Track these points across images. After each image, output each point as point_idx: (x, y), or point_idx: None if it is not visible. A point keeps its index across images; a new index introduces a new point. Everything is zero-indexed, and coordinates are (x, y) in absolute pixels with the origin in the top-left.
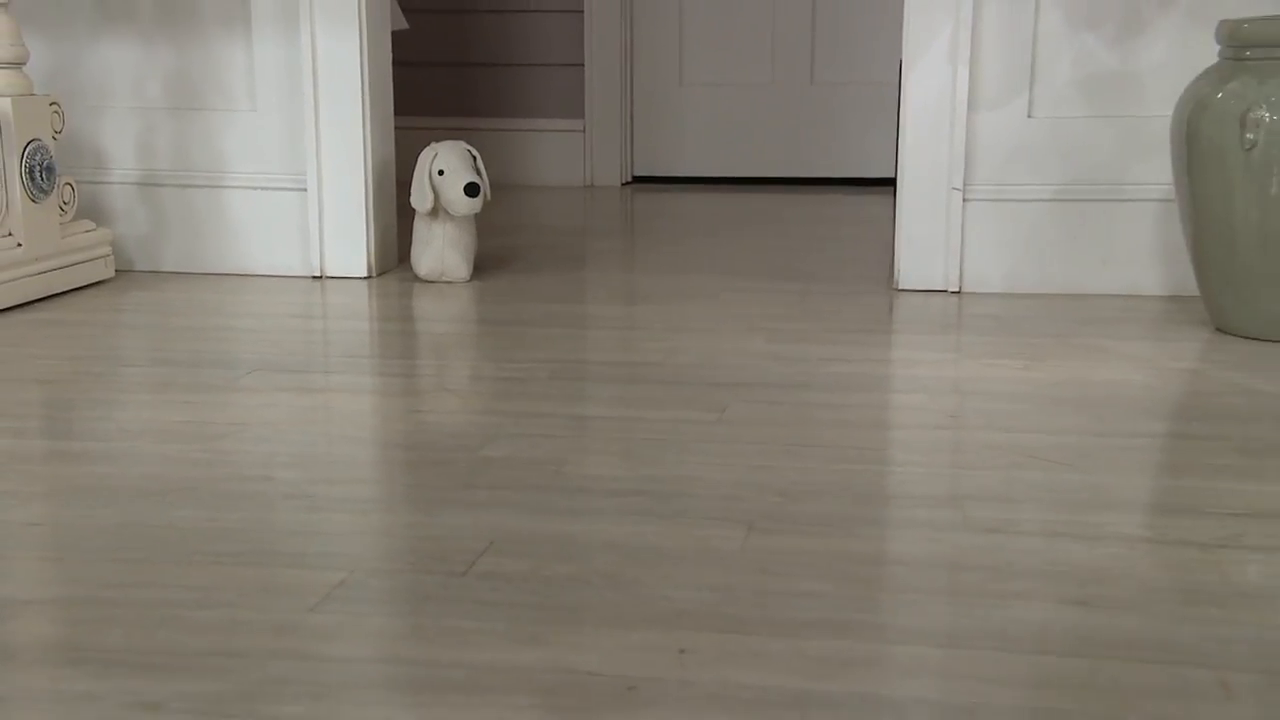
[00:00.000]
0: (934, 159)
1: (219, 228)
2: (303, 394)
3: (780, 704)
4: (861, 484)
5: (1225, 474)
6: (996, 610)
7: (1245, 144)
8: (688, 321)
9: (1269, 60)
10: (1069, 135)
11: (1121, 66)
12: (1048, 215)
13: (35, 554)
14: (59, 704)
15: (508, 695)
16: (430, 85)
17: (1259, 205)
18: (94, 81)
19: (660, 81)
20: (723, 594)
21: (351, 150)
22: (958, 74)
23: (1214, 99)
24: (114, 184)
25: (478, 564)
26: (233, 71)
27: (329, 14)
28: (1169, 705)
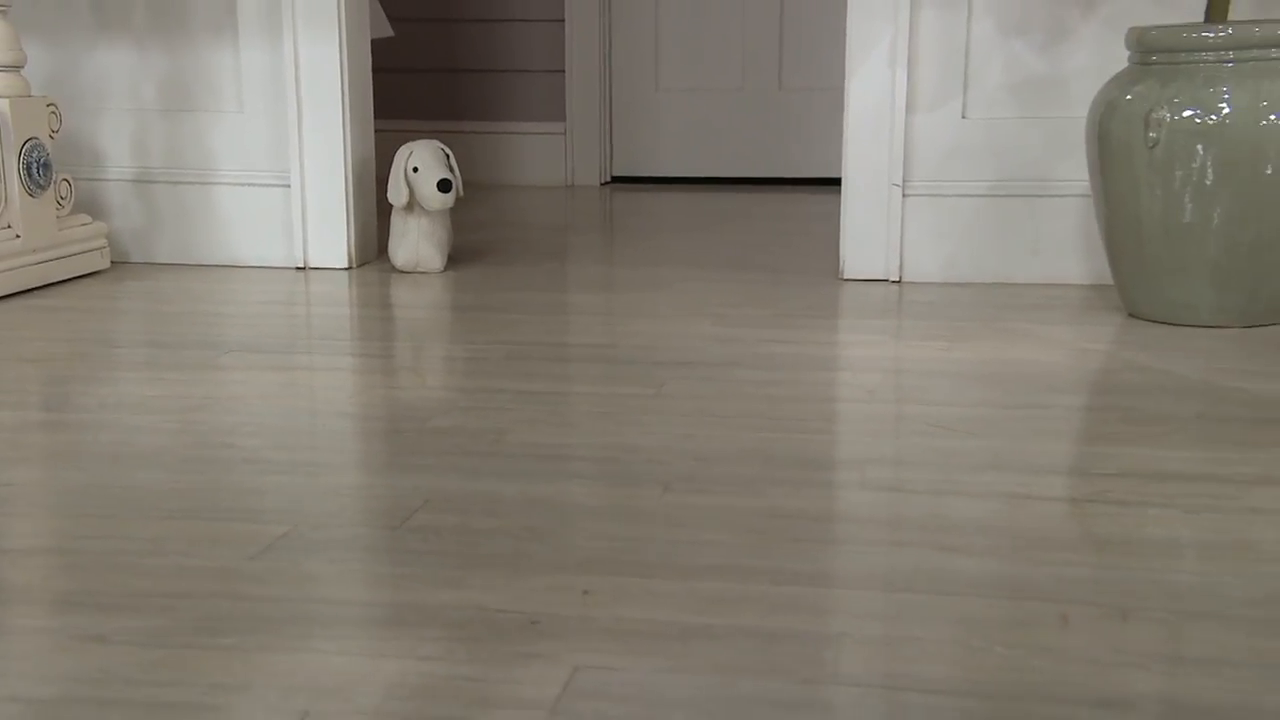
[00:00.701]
0: (875, 157)
1: (209, 222)
2: (275, 372)
3: (667, 636)
4: (775, 450)
5: (1107, 440)
6: (873, 556)
7: (1149, 142)
8: (644, 308)
9: (1171, 65)
10: (1000, 135)
11: (1048, 71)
12: (981, 210)
13: (4, 511)
14: (15, 636)
15: (421, 629)
16: (419, 90)
17: (1162, 199)
18: (91, 85)
19: (637, 87)
20: (631, 544)
21: (332, 149)
22: (896, 78)
23: (1122, 101)
24: (110, 181)
25: (412, 519)
26: (221, 75)
27: (310, 22)
28: (1013, 633)
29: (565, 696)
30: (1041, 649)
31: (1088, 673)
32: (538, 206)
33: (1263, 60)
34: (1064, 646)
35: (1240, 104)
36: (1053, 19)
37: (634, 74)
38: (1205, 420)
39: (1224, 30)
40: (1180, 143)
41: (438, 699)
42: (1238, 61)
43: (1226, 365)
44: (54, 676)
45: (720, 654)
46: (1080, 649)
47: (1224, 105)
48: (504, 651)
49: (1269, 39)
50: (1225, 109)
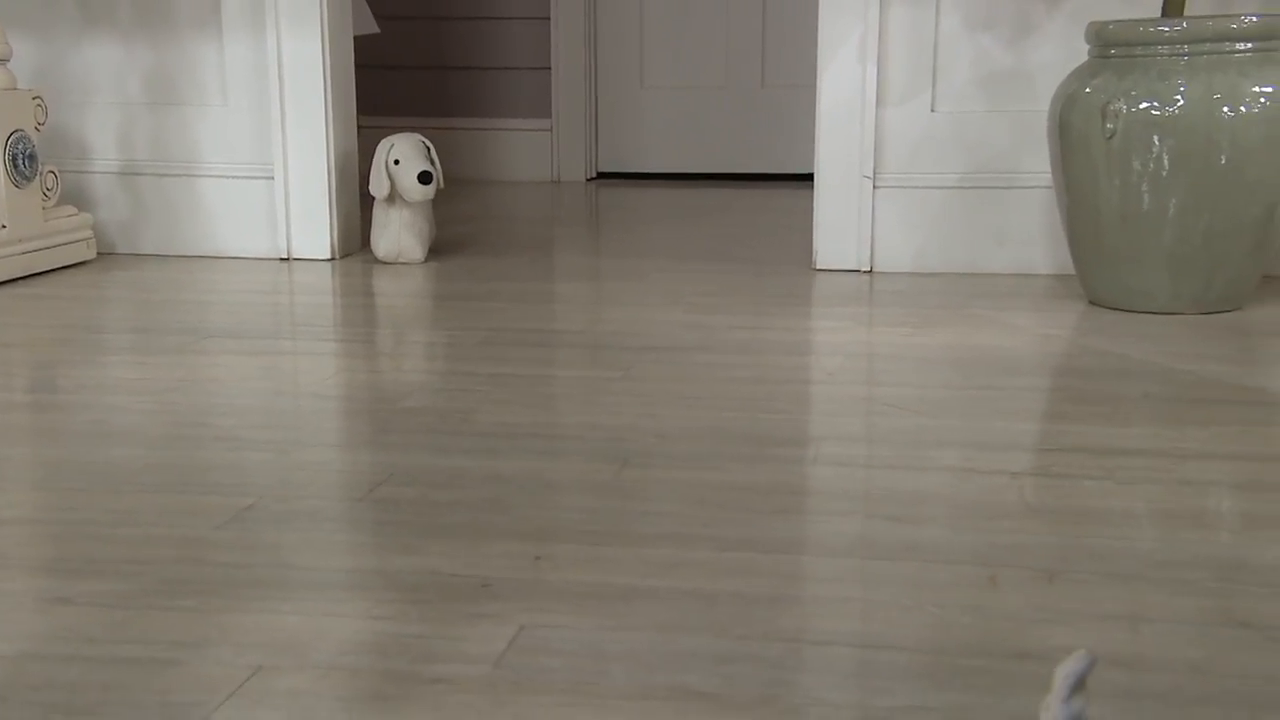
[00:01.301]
0: (847, 150)
1: (193, 213)
2: (254, 356)
3: (612, 597)
4: (734, 428)
5: (1054, 418)
6: (817, 524)
7: (1106, 133)
8: (619, 296)
9: (1128, 58)
10: (968, 128)
11: (1014, 65)
12: (950, 201)
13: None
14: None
15: (375, 592)
16: (408, 87)
17: (1119, 188)
18: (78, 79)
19: (622, 84)
20: (586, 515)
21: (315, 142)
22: (867, 73)
23: (1082, 93)
24: (97, 173)
25: (375, 492)
26: (205, 70)
27: (293, 17)
28: (944, 594)
29: (510, 652)
30: (970, 607)
31: (1011, 628)
32: (523, 201)
33: (1216, 54)
34: (991, 605)
35: (1194, 96)
36: (1018, 14)
37: (619, 71)
38: (1151, 400)
39: (1179, 24)
40: (1137, 134)
41: (387, 655)
42: (1192, 55)
43: (1178, 349)
44: (18, 635)
45: (662, 613)
46: (1006, 607)
47: (1179, 97)
48: (454, 612)
49: (1222, 33)
50: (1180, 101)
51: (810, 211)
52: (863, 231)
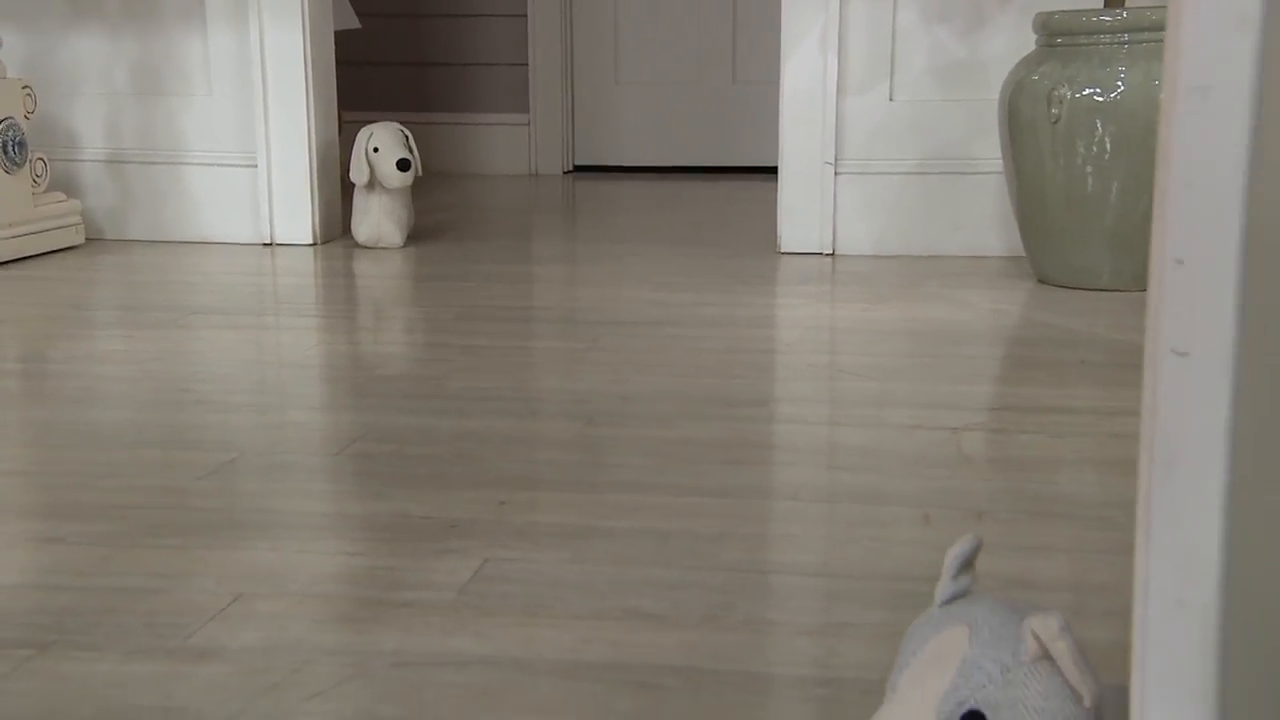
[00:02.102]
0: (808, 138)
1: (179, 200)
2: (236, 330)
3: (570, 536)
4: (693, 392)
5: (995, 381)
6: (765, 473)
7: (1051, 118)
8: (590, 278)
9: (1072, 46)
10: (925, 116)
11: (969, 56)
12: (908, 186)
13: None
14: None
15: (349, 532)
16: (388, 83)
17: (1064, 171)
18: (66, 70)
19: (598, 80)
20: (549, 466)
21: (297, 131)
22: (828, 63)
23: (1029, 80)
24: (85, 161)
25: (350, 448)
26: (190, 61)
27: (275, 9)
28: (879, 530)
29: (474, 581)
30: (903, 542)
31: (938, 558)
32: (501, 193)
33: (1155, 41)
34: (923, 539)
35: (1134, 82)
36: (972, 7)
37: (594, 68)
38: (1088, 366)
39: (1120, 14)
40: (1080, 119)
41: (359, 584)
42: (1132, 43)
43: (1116, 322)
44: (13, 569)
45: (617, 549)
46: (936, 540)
47: (1120, 83)
48: (422, 548)
49: (1161, 22)
50: (1121, 87)
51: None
52: (824, 216)
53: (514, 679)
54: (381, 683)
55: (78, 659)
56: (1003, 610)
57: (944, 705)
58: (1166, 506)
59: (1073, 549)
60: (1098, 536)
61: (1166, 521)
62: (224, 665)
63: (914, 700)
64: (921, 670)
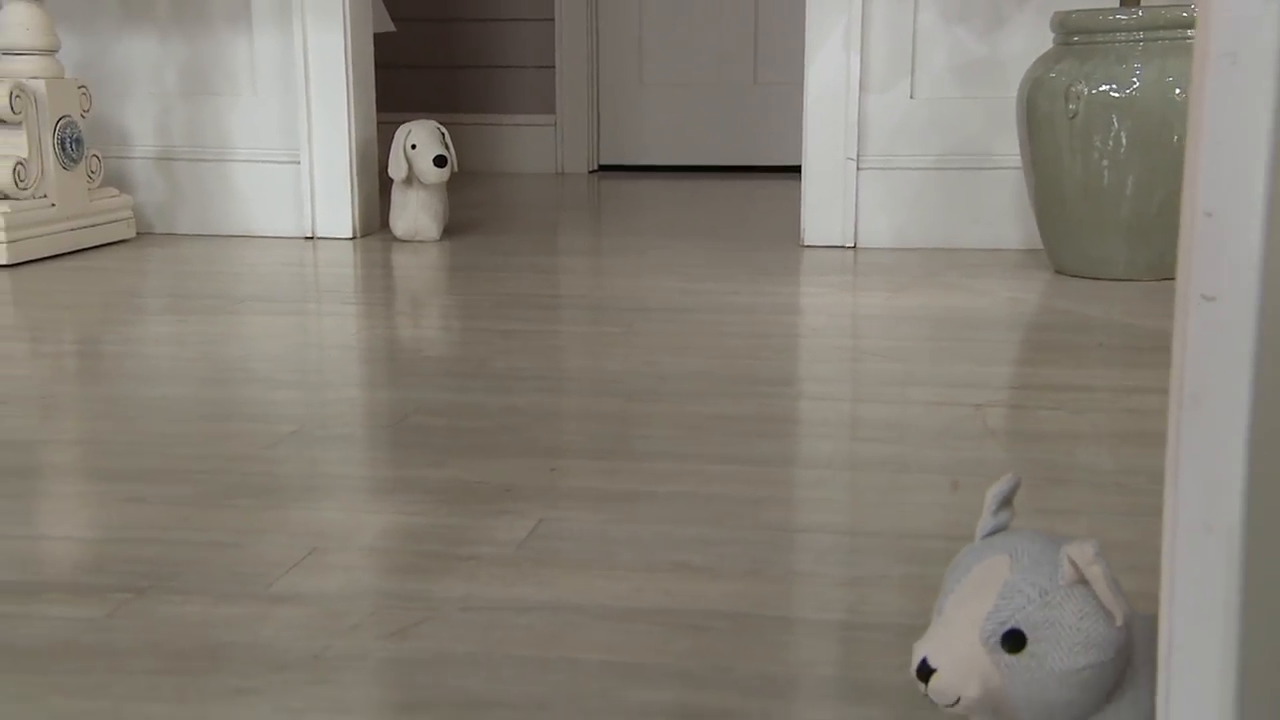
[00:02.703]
0: (832, 134)
1: (225, 196)
2: (283, 316)
3: (618, 499)
4: (724, 372)
5: (1015, 363)
6: (798, 444)
7: (1069, 114)
8: (618, 269)
9: (1089, 44)
10: (945, 114)
11: (988, 55)
12: (928, 182)
13: (51, 414)
14: (64, 498)
15: (410, 496)
16: (421, 85)
17: (1081, 164)
18: (118, 71)
19: (622, 81)
20: (594, 437)
21: (337, 129)
22: (851, 62)
23: (1047, 77)
24: (136, 159)
25: (405, 421)
26: (236, 62)
27: (318, 13)
28: (909, 495)
29: (530, 538)
30: (930, 505)
31: (967, 519)
32: (529, 191)
33: (1169, 40)
34: (952, 503)
35: (1149, 79)
36: (991, 7)
37: (619, 69)
38: (1104, 349)
39: (1135, 13)
40: (1097, 114)
41: (424, 541)
42: (1147, 41)
43: (1132, 309)
44: (102, 526)
45: (662, 511)
46: (964, 504)
47: (1135, 80)
48: (480, 509)
49: (1175, 21)
50: (1136, 84)
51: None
52: (847, 210)
53: (575, 621)
54: (453, 625)
55: (171, 602)
56: (1041, 540)
57: (986, 625)
58: (1194, 439)
59: (1094, 511)
60: (1117, 500)
61: (1193, 453)
62: (305, 608)
63: (959, 621)
64: (965, 595)
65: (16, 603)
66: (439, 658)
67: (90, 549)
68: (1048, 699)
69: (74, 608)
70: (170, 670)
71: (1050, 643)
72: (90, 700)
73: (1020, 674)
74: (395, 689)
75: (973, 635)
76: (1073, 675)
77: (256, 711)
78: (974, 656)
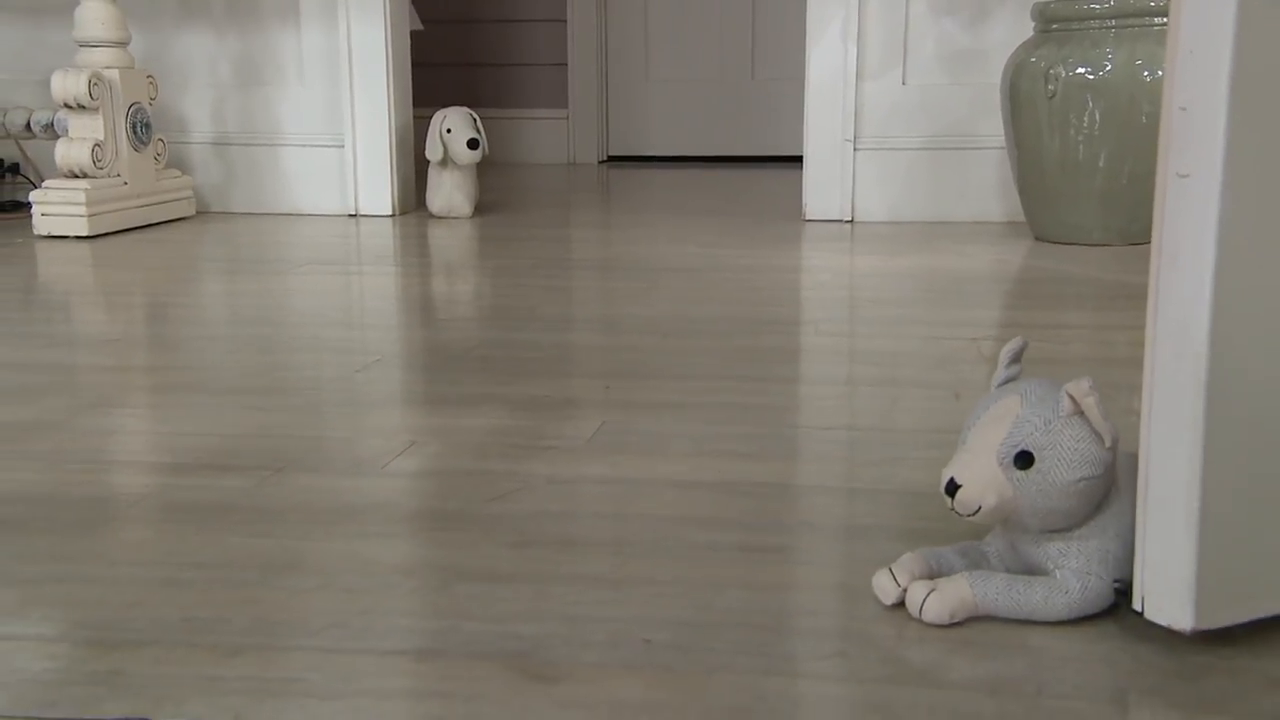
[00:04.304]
0: (831, 117)
1: (275, 177)
2: (344, 276)
3: (668, 406)
4: (745, 315)
5: (1003, 308)
6: (816, 367)
7: (1048, 94)
8: (637, 238)
9: (1066, 31)
10: (934, 98)
11: (973, 44)
12: (919, 161)
13: (160, 350)
14: (202, 408)
15: (488, 405)
16: (444, 82)
17: (1060, 140)
18: (177, 64)
19: (630, 77)
20: (639, 363)
21: (378, 116)
22: (848, 52)
23: (1028, 62)
24: (194, 144)
25: (471, 353)
26: (285, 55)
27: (361, 8)
28: (917, 401)
29: (597, 435)
30: (940, 411)
31: None
32: (545, 178)
33: (1138, 26)
34: (955, 409)
35: (1120, 62)
36: (975, 1)
37: (627, 67)
38: (1080, 296)
39: (1108, 2)
40: (1073, 95)
41: (507, 436)
42: (1118, 28)
43: (1106, 267)
44: (230, 426)
45: (707, 415)
46: (965, 409)
47: (1108, 63)
48: (550, 414)
49: (1143, 9)
50: (1109, 66)
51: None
52: (845, 187)
53: (645, 490)
54: (543, 492)
55: (305, 477)
56: (1046, 383)
57: (1001, 449)
58: (1169, 287)
59: None
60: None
61: (1169, 298)
62: (415, 481)
63: (979, 448)
64: (984, 427)
65: (184, 477)
66: (536, 514)
67: (228, 442)
68: (1050, 507)
69: (229, 480)
70: (316, 520)
71: (1053, 461)
72: (259, 540)
73: (1028, 486)
74: (505, 533)
75: (990, 458)
76: (1071, 487)
77: (395, 547)
78: (992, 474)
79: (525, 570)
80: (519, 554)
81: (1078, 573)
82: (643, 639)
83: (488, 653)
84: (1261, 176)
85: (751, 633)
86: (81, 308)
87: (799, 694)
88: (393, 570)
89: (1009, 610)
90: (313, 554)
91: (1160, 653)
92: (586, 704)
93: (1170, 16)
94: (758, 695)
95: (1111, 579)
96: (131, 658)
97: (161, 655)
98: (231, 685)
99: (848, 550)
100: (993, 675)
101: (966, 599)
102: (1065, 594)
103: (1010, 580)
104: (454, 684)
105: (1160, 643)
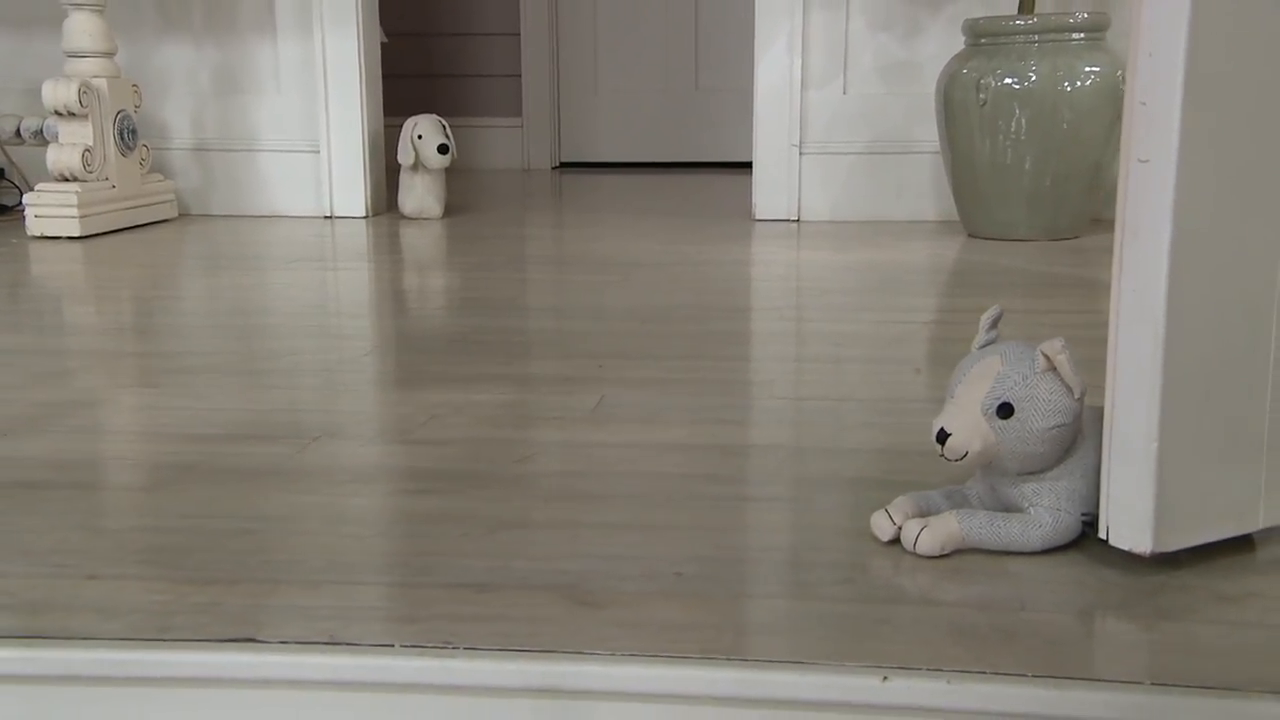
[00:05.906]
0: (778, 124)
1: (253, 181)
2: (330, 272)
3: (658, 383)
4: (712, 304)
5: (943, 295)
6: (783, 347)
7: (980, 103)
8: (600, 235)
9: (994, 45)
10: (872, 107)
11: (908, 57)
12: (859, 164)
13: (175, 337)
14: (229, 385)
15: (493, 383)
16: (406, 92)
17: (990, 144)
18: (159, 73)
19: (580, 88)
20: (623, 345)
21: (351, 122)
22: (793, 63)
23: (960, 73)
24: (175, 149)
25: (466, 338)
26: (262, 64)
27: (334, 20)
28: (880, 377)
29: (599, 406)
30: (903, 384)
31: (934, 393)
32: (502, 183)
33: (1059, 41)
34: (917, 381)
35: (1044, 73)
36: (909, 17)
37: (577, 77)
38: (1011, 285)
39: (1032, 19)
40: (1002, 103)
41: (516, 409)
42: (1041, 42)
43: (1033, 260)
44: (259, 401)
45: (695, 389)
46: (927, 383)
47: (1032, 74)
48: (552, 390)
49: (1063, 25)
50: (1033, 77)
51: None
52: (791, 189)
53: (651, 452)
54: (558, 453)
55: (339, 444)
56: (1023, 345)
57: (985, 400)
58: (1131, 260)
59: None
60: None
61: (1131, 270)
62: (442, 448)
63: (965, 400)
64: (969, 383)
65: (229, 445)
66: (559, 473)
67: (261, 416)
68: (1028, 451)
69: (273, 447)
70: (359, 479)
71: (1030, 410)
72: (311, 495)
73: (1009, 433)
74: (534, 489)
75: (975, 409)
76: (1045, 433)
77: (438, 502)
78: (977, 423)
79: (559, 519)
80: (550, 506)
81: (1050, 509)
82: (674, 572)
83: (538, 585)
84: (1212, 162)
85: (768, 566)
86: (90, 300)
87: (818, 612)
88: (439, 520)
89: (991, 542)
90: (363, 507)
91: (1122, 574)
92: (634, 624)
93: (1132, 23)
94: (782, 614)
95: (1079, 514)
96: (227, 592)
97: (253, 589)
98: (320, 613)
99: (840, 500)
100: (981, 596)
101: (954, 533)
102: (1039, 527)
103: (992, 516)
104: (515, 609)
105: (1121, 566)
